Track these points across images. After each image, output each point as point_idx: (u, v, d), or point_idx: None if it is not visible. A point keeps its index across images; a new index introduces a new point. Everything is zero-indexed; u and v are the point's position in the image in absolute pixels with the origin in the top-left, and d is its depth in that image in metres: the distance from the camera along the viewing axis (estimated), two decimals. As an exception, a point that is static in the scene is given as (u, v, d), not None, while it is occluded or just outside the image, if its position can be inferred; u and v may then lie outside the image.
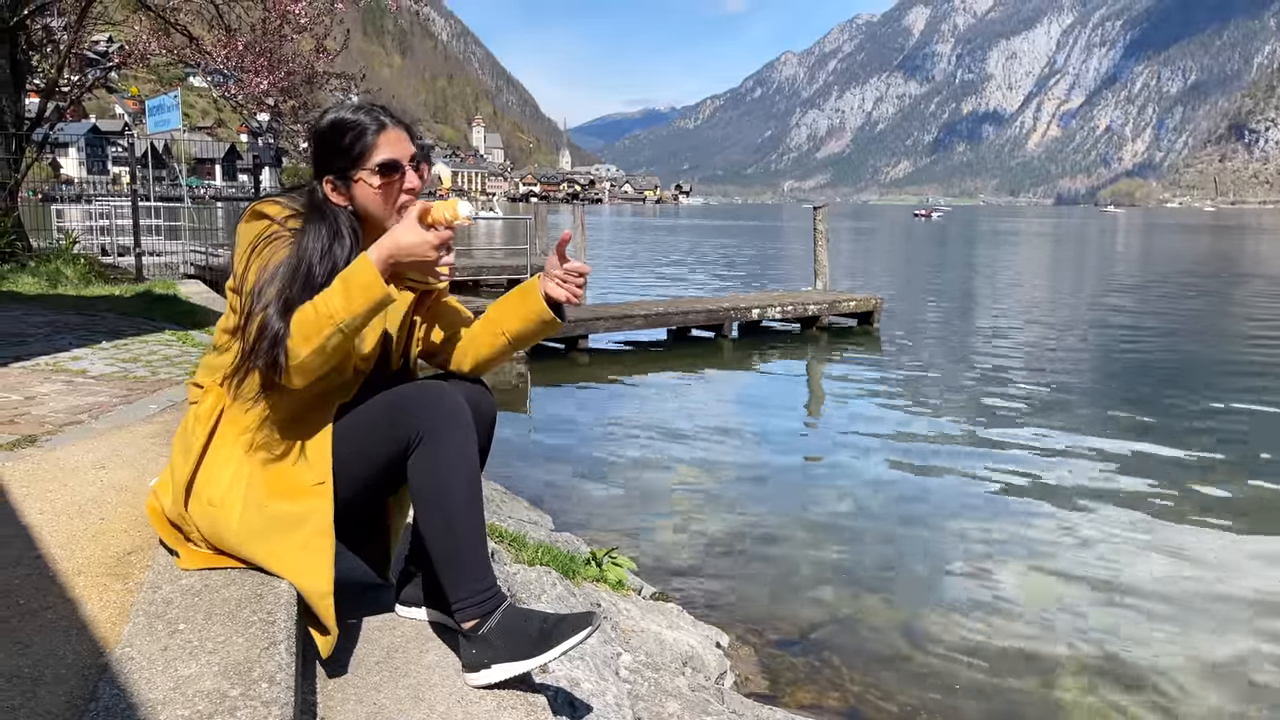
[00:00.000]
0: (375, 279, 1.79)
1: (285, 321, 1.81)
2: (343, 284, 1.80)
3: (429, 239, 1.82)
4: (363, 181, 1.96)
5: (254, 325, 1.83)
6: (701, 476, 7.36)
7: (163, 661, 1.60)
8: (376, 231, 1.99)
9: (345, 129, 1.96)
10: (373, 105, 2.02)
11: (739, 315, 14.65)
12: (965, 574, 5.51)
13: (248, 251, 1.89)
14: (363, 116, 1.97)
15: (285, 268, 1.86)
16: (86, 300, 8.31)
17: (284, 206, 1.94)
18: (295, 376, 1.84)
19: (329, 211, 1.96)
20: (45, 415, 3.63)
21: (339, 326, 1.79)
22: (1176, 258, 41.31)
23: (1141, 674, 4.41)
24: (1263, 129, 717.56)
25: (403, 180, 1.99)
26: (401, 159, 1.97)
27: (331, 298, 1.79)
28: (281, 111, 12.33)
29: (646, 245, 47.11)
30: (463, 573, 1.91)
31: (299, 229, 1.91)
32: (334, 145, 1.96)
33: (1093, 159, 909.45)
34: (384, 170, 1.95)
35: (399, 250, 1.82)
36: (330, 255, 1.90)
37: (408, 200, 1.99)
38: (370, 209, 1.98)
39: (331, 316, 1.78)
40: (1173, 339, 15.38)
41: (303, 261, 1.87)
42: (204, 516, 1.95)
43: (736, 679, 4.16)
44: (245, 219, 1.94)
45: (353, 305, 1.78)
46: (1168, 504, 6.81)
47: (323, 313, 1.78)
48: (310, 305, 1.81)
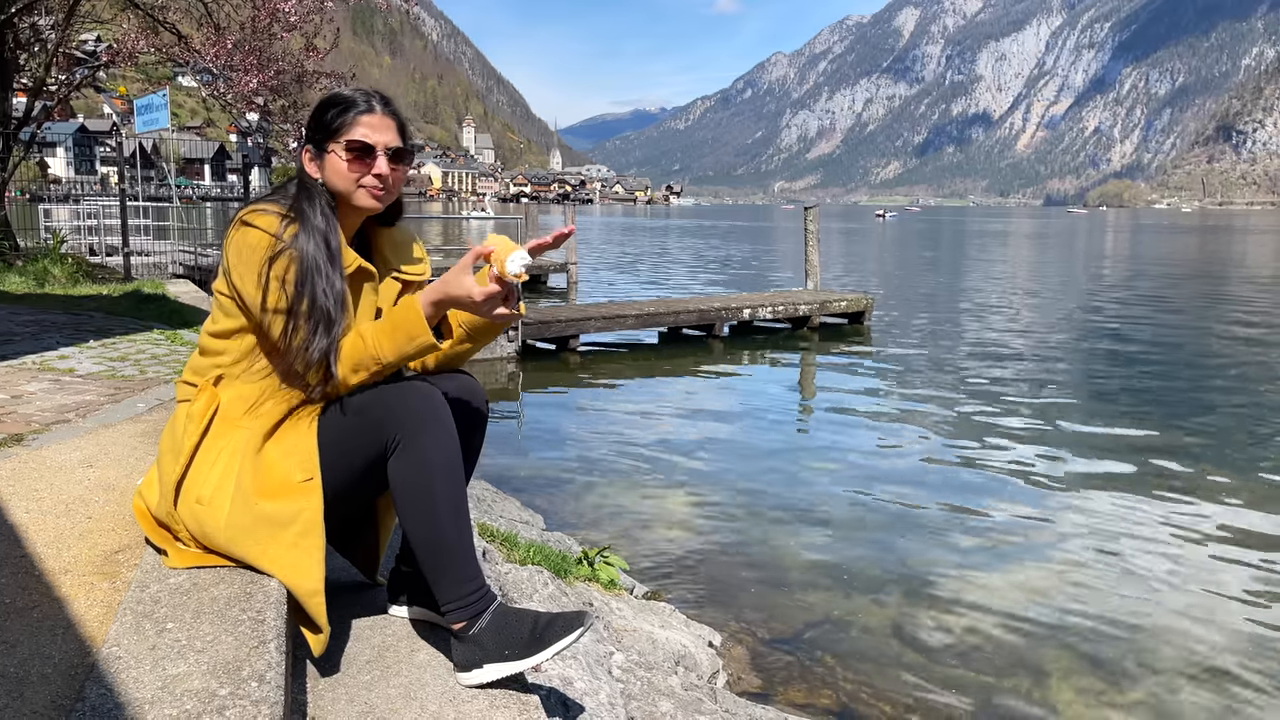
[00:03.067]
0: (422, 329, 1.88)
1: (330, 337, 1.89)
2: (391, 327, 1.90)
3: (474, 294, 1.86)
4: (334, 154, 1.98)
5: (299, 346, 1.90)
6: (693, 476, 7.36)
7: (151, 660, 1.59)
8: (345, 209, 2.03)
9: (335, 103, 2.00)
10: (372, 91, 2.05)
11: (730, 315, 14.65)
12: (957, 573, 5.52)
13: (260, 272, 1.88)
14: (355, 95, 2.01)
15: (306, 286, 1.89)
16: (74, 300, 8.26)
17: (275, 214, 1.93)
18: (334, 389, 1.96)
19: (313, 192, 1.98)
20: (32, 414, 3.60)
21: (384, 365, 1.92)
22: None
23: (1132, 672, 4.42)
24: (1250, 130, 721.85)
25: (373, 165, 1.98)
26: (376, 145, 1.98)
27: (381, 339, 1.90)
28: (271, 111, 12.27)
29: (637, 246, 47.10)
30: (449, 575, 1.89)
31: (295, 233, 1.91)
32: (320, 116, 2.01)
33: (1081, 160, 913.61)
34: (352, 149, 1.96)
35: (448, 298, 1.90)
36: (326, 248, 1.93)
37: (373, 185, 1.99)
38: (334, 183, 2.00)
39: (378, 358, 1.91)
40: (1158, 330, 15.45)
41: (310, 272, 1.89)
42: (192, 515, 1.93)
43: (729, 678, 4.15)
44: (236, 227, 1.92)
45: (399, 350, 1.90)
46: (1160, 502, 6.83)
47: (371, 351, 1.90)
48: (361, 339, 1.91)
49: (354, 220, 2.07)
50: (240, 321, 1.96)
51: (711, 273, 29.47)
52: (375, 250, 2.14)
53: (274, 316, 1.89)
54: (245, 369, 1.98)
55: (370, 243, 2.14)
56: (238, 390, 1.98)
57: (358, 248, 2.09)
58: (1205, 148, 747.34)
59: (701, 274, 28.75)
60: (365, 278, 2.05)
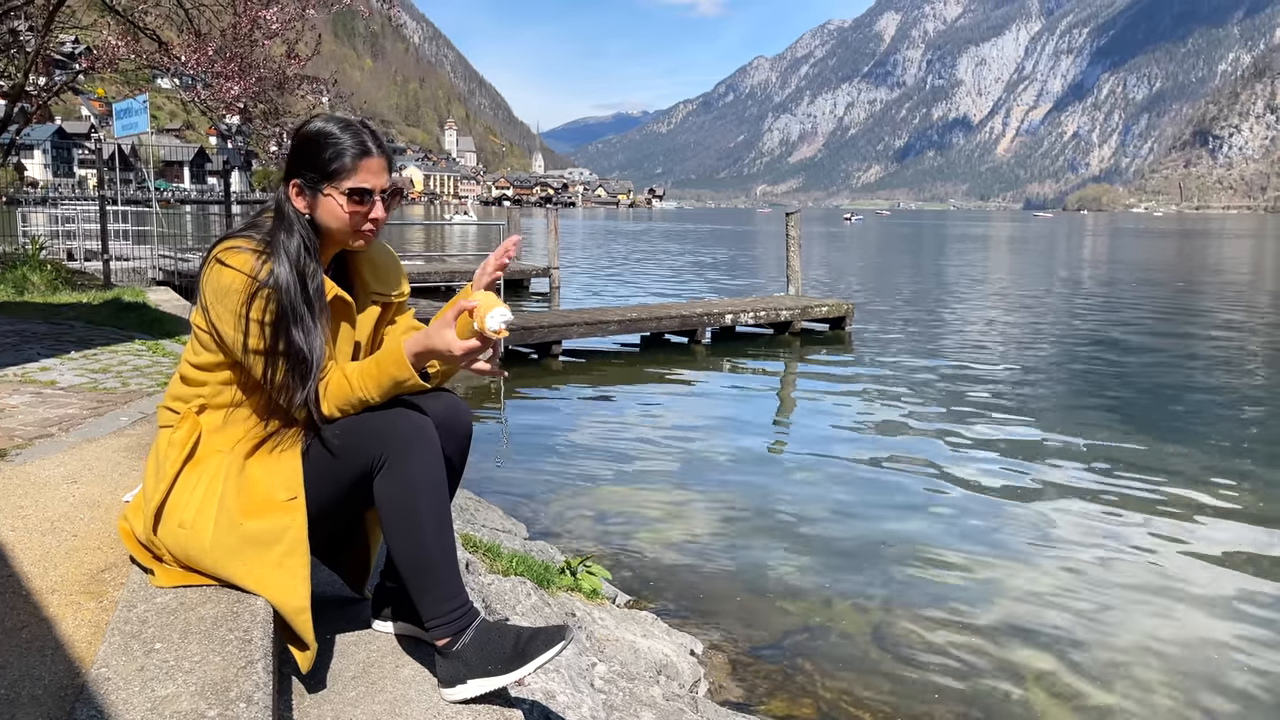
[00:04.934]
0: (407, 373, 1.92)
1: (306, 389, 1.93)
2: (377, 370, 1.94)
3: (454, 348, 1.89)
4: (331, 198, 1.99)
5: (280, 385, 1.94)
6: (674, 483, 7.39)
7: (139, 682, 1.61)
8: (329, 242, 2.04)
9: (328, 142, 1.98)
10: (362, 125, 2.05)
11: (712, 321, 14.71)
12: (937, 579, 5.58)
13: (239, 314, 1.90)
14: (348, 136, 1.99)
15: (283, 330, 1.91)
16: (54, 308, 8.22)
17: (250, 251, 1.93)
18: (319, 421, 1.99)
19: (292, 225, 1.98)
20: (14, 428, 3.60)
21: (369, 404, 1.97)
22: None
23: (1112, 679, 4.49)
24: (1226, 135, 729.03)
25: (370, 209, 2.01)
26: (374, 189, 2.00)
27: (367, 381, 1.94)
28: (252, 115, 12.24)
29: (620, 249, 47.12)
30: (433, 592, 1.93)
31: (271, 270, 1.92)
32: (312, 155, 1.99)
33: (1060, 164, 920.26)
34: (354, 197, 1.98)
35: (429, 350, 1.93)
36: (304, 289, 1.94)
37: (369, 229, 2.03)
38: (331, 226, 2.01)
39: (364, 399, 1.95)
40: (1138, 335, 15.61)
41: (287, 313, 1.91)
42: (174, 539, 1.95)
43: (710, 687, 4.19)
44: (212, 266, 1.93)
45: (385, 392, 1.95)
46: (1140, 504, 6.91)
47: (357, 392, 1.95)
48: (346, 381, 1.95)
49: (334, 249, 2.10)
50: (219, 356, 1.99)
51: (693, 274, 29.53)
52: (354, 272, 2.16)
53: (255, 357, 1.92)
54: (228, 399, 2.02)
55: (348, 265, 2.16)
56: (220, 418, 2.02)
57: (336, 270, 2.12)
58: (1182, 152, 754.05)
59: (684, 276, 28.81)
60: (343, 308, 2.08)
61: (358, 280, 2.15)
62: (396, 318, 2.23)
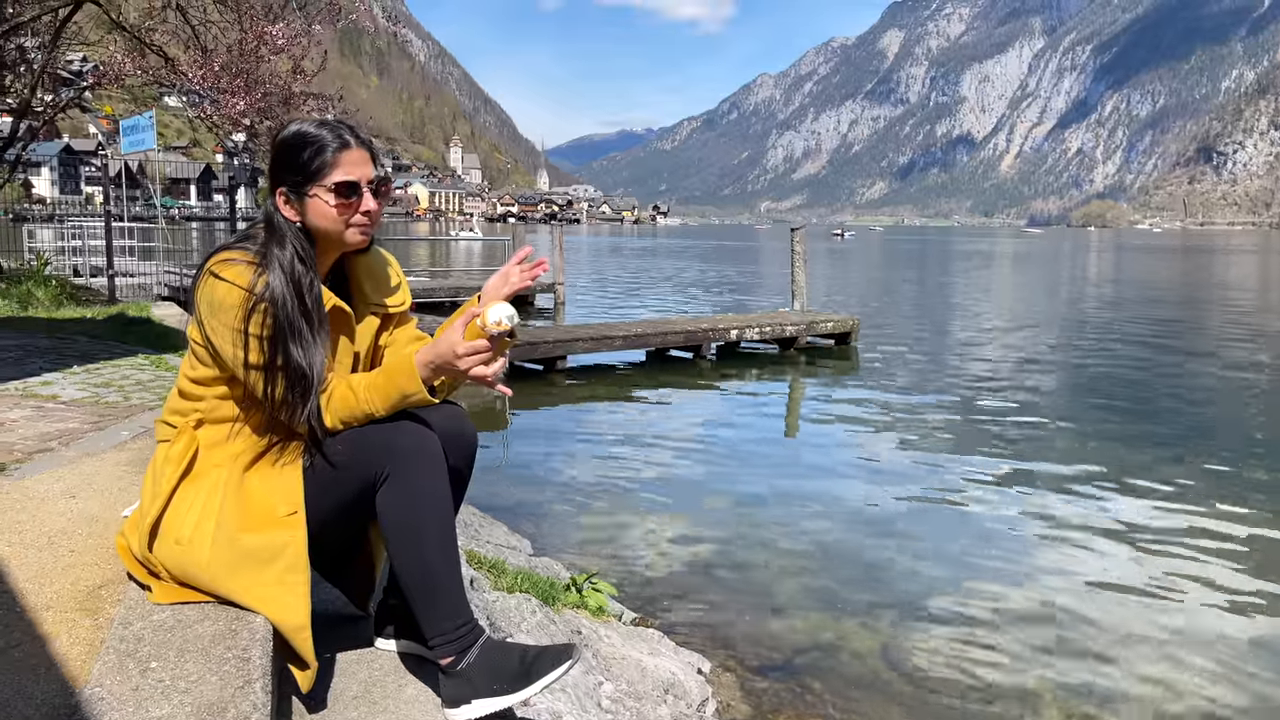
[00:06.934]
0: (415, 387, 1.88)
1: (308, 404, 1.88)
2: (385, 381, 1.90)
3: (456, 348, 1.85)
4: (318, 198, 1.93)
5: (280, 400, 1.88)
6: (681, 499, 7.33)
7: (134, 702, 1.56)
8: (326, 247, 1.98)
9: (305, 143, 1.93)
10: (338, 122, 2.00)
11: (717, 336, 14.67)
12: (946, 598, 5.51)
13: (236, 329, 1.85)
14: (325, 132, 1.94)
15: (281, 344, 1.87)
16: (58, 323, 8.20)
17: (245, 264, 1.89)
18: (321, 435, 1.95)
19: (285, 236, 1.93)
20: (15, 442, 3.56)
21: (375, 418, 1.93)
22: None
23: (1128, 697, 4.41)
24: (1230, 151, 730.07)
25: (360, 202, 1.96)
26: (360, 180, 1.95)
27: (374, 394, 1.90)
28: (258, 132, 12.26)
29: (624, 266, 47.17)
30: (437, 610, 1.88)
31: (267, 283, 1.87)
32: (292, 159, 1.94)
33: (1064, 181, 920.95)
34: (340, 191, 1.93)
35: (438, 357, 1.88)
36: (301, 301, 1.89)
37: (363, 223, 1.97)
38: (323, 226, 1.96)
39: (370, 413, 1.92)
40: (1145, 351, 15.54)
41: (285, 327, 1.87)
42: (171, 556, 1.90)
43: (719, 706, 4.12)
44: (206, 279, 1.88)
45: (392, 405, 1.91)
46: (1151, 526, 6.84)
47: (363, 405, 1.90)
48: (352, 393, 1.90)
49: (331, 256, 2.05)
50: (216, 370, 1.94)
51: (698, 290, 29.52)
52: (353, 283, 2.10)
53: (254, 374, 1.87)
54: (226, 414, 1.97)
55: (347, 275, 2.11)
56: (218, 433, 1.97)
57: (334, 281, 2.07)
58: (1186, 169, 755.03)
59: (689, 292, 28.79)
60: (342, 319, 2.03)
61: (356, 291, 2.10)
62: (397, 330, 2.17)
